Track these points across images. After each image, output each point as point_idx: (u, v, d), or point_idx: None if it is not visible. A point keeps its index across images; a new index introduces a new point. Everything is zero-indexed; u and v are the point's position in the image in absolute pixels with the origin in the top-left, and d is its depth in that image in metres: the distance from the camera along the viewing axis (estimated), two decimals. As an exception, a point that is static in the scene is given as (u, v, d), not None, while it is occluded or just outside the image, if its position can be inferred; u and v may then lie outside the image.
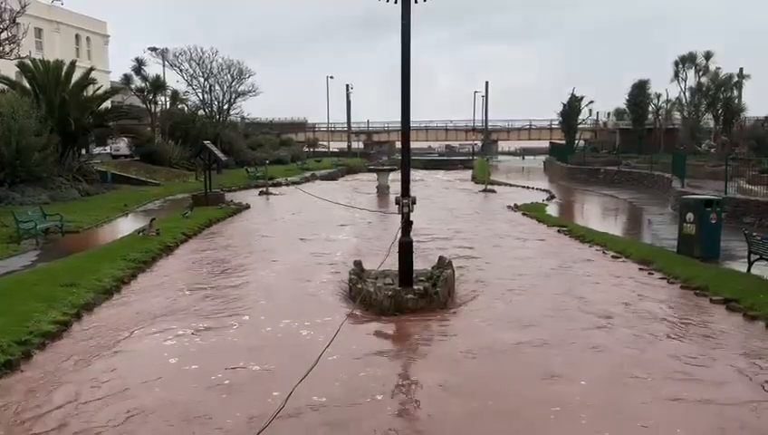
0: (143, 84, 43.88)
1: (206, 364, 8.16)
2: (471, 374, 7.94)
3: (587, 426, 6.50)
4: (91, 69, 33.77)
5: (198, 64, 44.53)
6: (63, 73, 30.34)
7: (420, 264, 12.45)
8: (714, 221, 14.32)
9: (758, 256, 12.69)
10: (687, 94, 49.22)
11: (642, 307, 10.75)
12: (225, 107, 47.09)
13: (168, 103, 48.07)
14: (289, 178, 39.66)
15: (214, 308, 10.92)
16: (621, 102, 58.49)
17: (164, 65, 44.88)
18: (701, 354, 8.47)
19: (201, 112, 46.76)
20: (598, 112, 64.28)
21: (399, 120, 11.14)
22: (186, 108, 48.28)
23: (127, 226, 20.78)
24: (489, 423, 6.62)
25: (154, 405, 6.93)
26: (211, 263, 14.97)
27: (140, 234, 17.18)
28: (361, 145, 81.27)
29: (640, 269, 13.65)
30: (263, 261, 15.25)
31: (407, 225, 11.09)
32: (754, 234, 13.35)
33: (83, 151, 33.45)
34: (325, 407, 6.91)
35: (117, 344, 9.02)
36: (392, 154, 67.13)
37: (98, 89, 34.48)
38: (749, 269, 12.75)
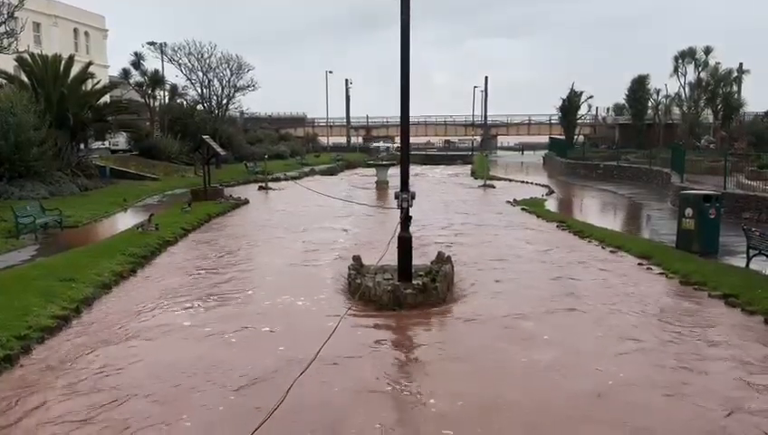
0: (142, 79, 43.76)
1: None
2: (468, 368, 7.96)
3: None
4: (90, 63, 33.69)
5: (197, 59, 44.43)
6: (62, 68, 30.26)
7: (418, 259, 12.46)
8: (713, 216, 14.33)
9: (757, 252, 12.71)
10: (687, 89, 49.22)
11: (640, 303, 10.76)
12: (224, 102, 47.00)
13: (166, 98, 47.96)
14: (288, 174, 39.63)
15: (211, 310, 10.92)
16: (621, 98, 58.59)
17: (163, 60, 44.78)
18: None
19: (200, 107, 46.65)
20: (597, 108, 64.42)
21: (398, 114, 11.12)
22: (184, 102, 48.18)
23: (126, 221, 20.77)
24: (491, 422, 6.64)
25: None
26: (209, 258, 14.97)
27: (139, 229, 17.17)
28: (361, 140, 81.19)
29: (639, 264, 13.67)
30: (261, 256, 15.26)
31: (406, 220, 11.09)
32: (753, 229, 13.35)
33: (82, 146, 33.41)
34: (322, 402, 6.93)
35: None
36: (391, 149, 67.03)
37: (96, 83, 34.43)
38: (748, 264, 12.77)
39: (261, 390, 7.24)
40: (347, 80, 75.60)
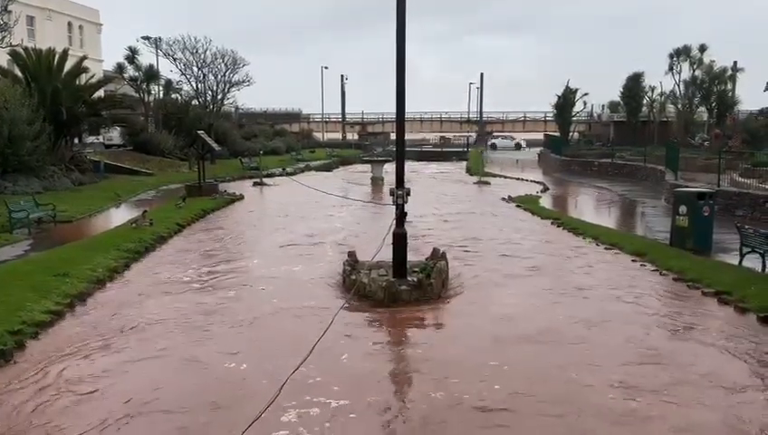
0: (136, 73, 43.54)
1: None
2: (462, 362, 7.99)
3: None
4: (84, 57, 33.48)
5: (192, 54, 44.17)
6: (56, 62, 30.06)
7: (413, 256, 12.48)
8: (706, 214, 14.40)
9: (750, 249, 12.78)
10: (682, 87, 49.26)
11: (633, 302, 10.81)
12: (219, 97, 46.74)
13: (161, 93, 47.75)
14: (283, 169, 39.55)
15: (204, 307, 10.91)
16: (616, 95, 58.60)
17: (157, 54, 44.50)
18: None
19: (195, 102, 46.44)
20: (592, 105, 64.36)
21: (394, 110, 11.10)
22: (179, 97, 47.94)
23: (120, 216, 20.71)
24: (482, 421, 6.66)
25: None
26: (202, 254, 14.95)
27: (133, 224, 17.12)
28: (356, 136, 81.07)
29: (633, 261, 13.72)
30: (254, 252, 15.25)
31: (401, 216, 11.09)
32: (746, 226, 13.43)
33: (76, 141, 33.25)
34: (319, 397, 6.95)
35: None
36: (387, 145, 66.86)
37: (91, 78, 34.20)
38: (741, 262, 12.85)
39: None
40: (342, 75, 75.63)
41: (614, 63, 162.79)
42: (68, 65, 30.84)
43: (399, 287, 10.64)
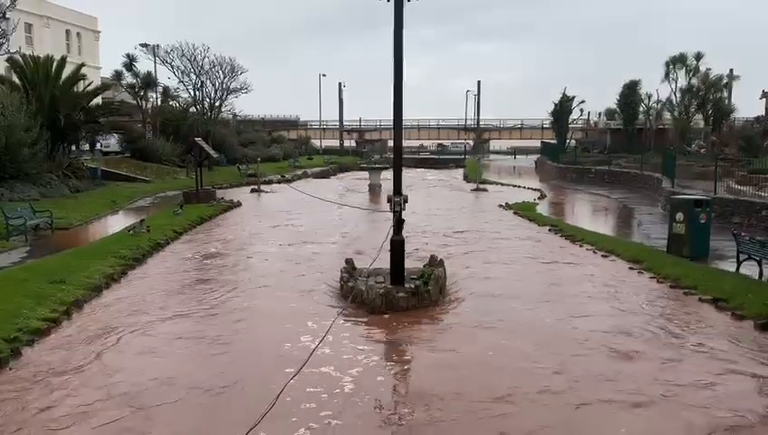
0: (134, 80, 43.58)
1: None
2: (459, 369, 7.98)
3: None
4: (82, 65, 33.54)
5: (190, 61, 44.25)
6: (53, 69, 30.10)
7: (409, 263, 12.47)
8: (703, 221, 14.42)
9: (746, 256, 12.80)
10: (678, 95, 49.49)
11: (629, 307, 10.82)
12: (217, 104, 46.83)
13: (159, 100, 47.79)
14: (281, 176, 39.59)
15: (201, 313, 10.89)
16: (612, 102, 58.91)
17: (155, 62, 44.58)
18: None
19: (192, 109, 46.50)
20: (589, 112, 64.72)
21: (392, 117, 11.13)
22: (177, 104, 48.01)
23: (117, 222, 20.68)
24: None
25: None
26: (200, 261, 14.92)
27: (131, 232, 17.10)
28: (353, 143, 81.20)
29: (630, 268, 13.74)
30: (251, 259, 15.22)
31: (398, 223, 11.10)
32: (743, 234, 13.45)
33: (73, 148, 33.23)
34: (316, 404, 6.93)
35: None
36: (384, 152, 67.00)
37: (88, 85, 34.26)
38: (738, 269, 12.86)
39: None
40: (340, 83, 75.89)
41: (610, 71, 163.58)
42: (66, 72, 30.87)
43: (397, 294, 10.63)
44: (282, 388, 6.79)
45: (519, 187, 35.43)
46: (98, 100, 35.26)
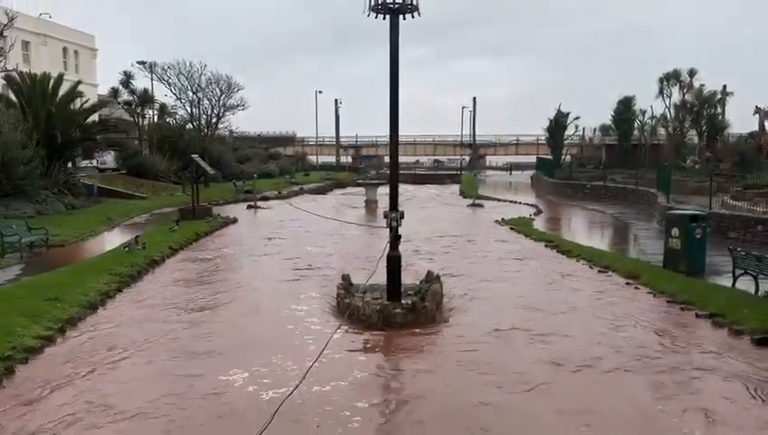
0: (131, 97, 43.69)
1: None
2: (457, 386, 7.93)
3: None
4: (79, 82, 33.67)
5: (187, 78, 44.45)
6: (50, 86, 30.20)
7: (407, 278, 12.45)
8: (699, 236, 14.45)
9: (743, 271, 12.80)
10: (672, 111, 49.88)
11: (629, 324, 10.81)
12: (214, 121, 46.93)
13: (155, 117, 47.88)
14: (277, 192, 39.61)
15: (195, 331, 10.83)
16: (607, 118, 59.32)
17: (152, 79, 44.79)
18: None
19: (189, 126, 46.60)
20: (584, 128, 65.02)
21: (388, 133, 11.16)
22: (173, 121, 48.11)
23: (113, 239, 20.61)
24: None
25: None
26: (196, 278, 14.87)
27: (126, 248, 17.04)
28: (350, 159, 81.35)
29: (627, 284, 13.73)
30: (247, 275, 15.19)
31: (395, 239, 11.09)
32: (738, 249, 13.48)
33: (69, 165, 33.21)
34: (308, 421, 6.88)
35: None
36: (381, 168, 67.14)
37: (85, 102, 34.31)
38: (734, 284, 12.86)
39: None
40: (336, 100, 76.07)
41: (604, 87, 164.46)
42: (63, 90, 30.97)
43: (393, 310, 10.59)
44: (278, 405, 6.74)
45: (515, 202, 35.51)
46: (94, 117, 35.27)
